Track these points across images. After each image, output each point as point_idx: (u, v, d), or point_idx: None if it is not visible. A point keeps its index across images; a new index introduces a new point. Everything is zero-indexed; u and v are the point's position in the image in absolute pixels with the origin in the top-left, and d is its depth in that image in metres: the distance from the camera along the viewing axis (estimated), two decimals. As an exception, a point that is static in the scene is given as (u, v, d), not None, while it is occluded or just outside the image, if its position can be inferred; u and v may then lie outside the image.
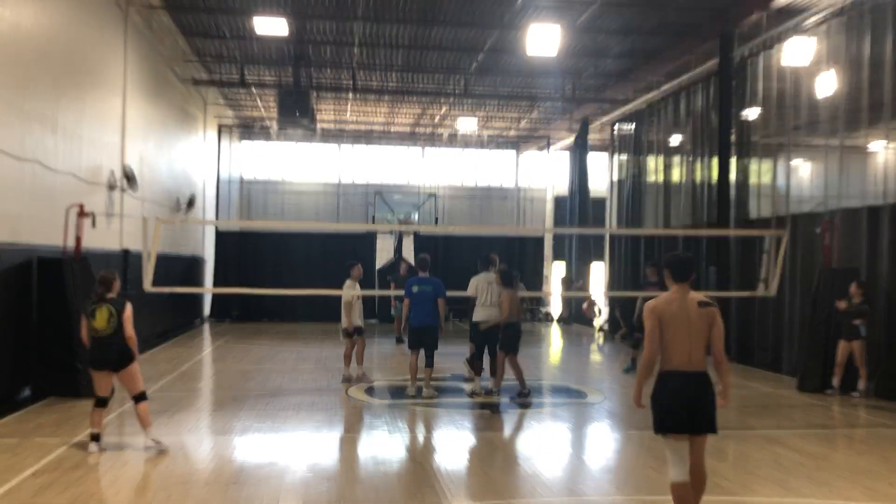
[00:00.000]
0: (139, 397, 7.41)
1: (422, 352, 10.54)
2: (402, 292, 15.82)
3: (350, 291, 11.79)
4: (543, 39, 15.18)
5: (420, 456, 7.45)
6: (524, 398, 10.28)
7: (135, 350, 7.46)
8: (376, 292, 21.70)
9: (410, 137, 29.52)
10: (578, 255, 24.50)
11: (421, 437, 8.26)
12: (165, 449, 7.35)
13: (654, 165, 20.21)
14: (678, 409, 4.99)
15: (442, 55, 19.53)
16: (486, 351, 10.74)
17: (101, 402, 7.43)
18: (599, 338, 20.20)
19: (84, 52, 12.59)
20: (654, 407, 5.08)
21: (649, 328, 5.05)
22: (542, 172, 29.97)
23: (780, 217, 14.24)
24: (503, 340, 10.33)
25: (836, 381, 11.08)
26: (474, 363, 10.86)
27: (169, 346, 16.20)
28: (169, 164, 18.84)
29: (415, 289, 10.56)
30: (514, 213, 30.84)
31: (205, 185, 23.63)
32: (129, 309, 7.41)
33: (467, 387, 11.10)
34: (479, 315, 10.64)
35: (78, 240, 10.61)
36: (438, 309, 10.49)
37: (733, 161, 15.78)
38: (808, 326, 11.90)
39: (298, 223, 26.90)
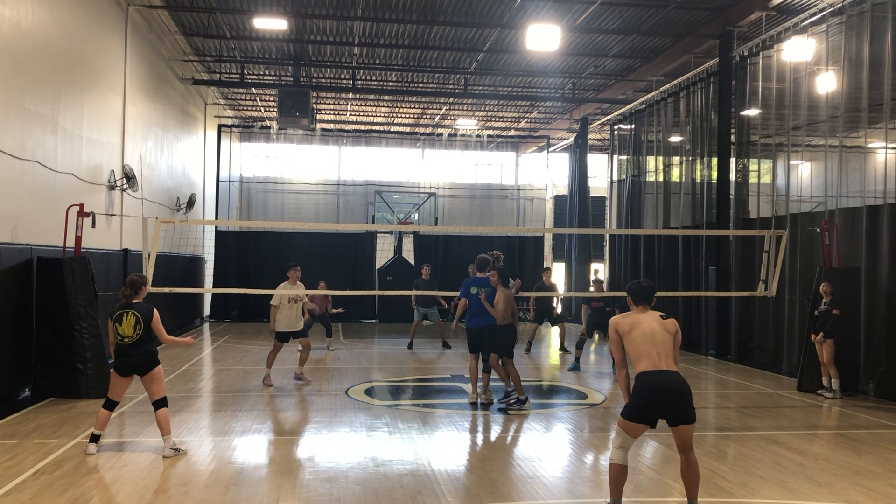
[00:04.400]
0: (160, 403, 7.35)
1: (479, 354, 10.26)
2: (421, 293, 15.86)
3: (282, 292, 11.40)
4: (543, 39, 15.20)
5: (420, 457, 7.44)
6: (510, 403, 9.93)
7: (179, 340, 7.61)
8: (377, 292, 21.72)
9: (410, 137, 29.54)
10: (578, 255, 24.49)
11: (421, 438, 8.26)
12: (184, 452, 7.34)
13: (653, 165, 20.21)
14: (655, 405, 5.42)
15: (442, 55, 19.56)
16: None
17: (111, 405, 7.44)
18: (598, 338, 20.19)
19: (84, 50, 12.59)
20: (632, 397, 5.58)
21: (612, 339, 5.76)
22: (542, 172, 29.98)
23: (780, 217, 14.25)
24: (499, 343, 10.02)
25: (824, 381, 11.14)
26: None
27: (169, 346, 16.16)
28: (169, 164, 18.85)
29: (473, 289, 10.14)
30: (514, 212, 30.85)
31: (205, 184, 23.63)
32: (156, 315, 7.41)
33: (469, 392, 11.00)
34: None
35: (78, 239, 10.61)
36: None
37: (733, 161, 15.80)
38: (807, 326, 11.91)
39: (298, 223, 26.90)
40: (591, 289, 14.58)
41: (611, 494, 5.60)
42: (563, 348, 16.57)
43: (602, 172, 27.76)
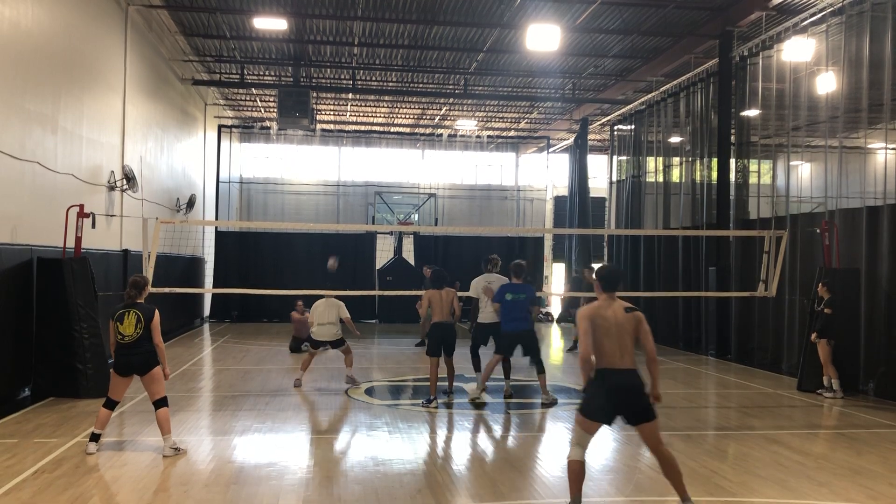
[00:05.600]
0: (160, 403, 7.33)
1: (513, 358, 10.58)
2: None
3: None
4: (543, 39, 15.21)
5: (420, 457, 7.44)
6: (428, 404, 9.87)
7: (163, 359, 7.39)
8: (377, 292, 21.71)
9: (410, 137, 29.54)
10: (578, 256, 24.48)
11: (421, 438, 8.26)
12: (183, 452, 7.34)
13: (653, 165, 20.20)
14: (610, 403, 5.46)
15: (442, 55, 19.57)
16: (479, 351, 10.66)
17: (111, 405, 7.43)
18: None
19: (84, 50, 12.60)
20: (587, 392, 5.59)
21: (584, 329, 5.56)
22: (542, 172, 29.99)
23: (780, 217, 14.25)
24: (429, 343, 10.30)
25: (825, 381, 11.14)
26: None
27: (169, 345, 16.15)
28: (169, 164, 18.85)
29: (509, 296, 10.23)
30: (514, 213, 30.85)
31: (205, 185, 23.63)
32: (157, 317, 7.37)
33: (466, 388, 11.08)
34: (483, 317, 10.60)
35: (78, 240, 10.61)
36: (531, 315, 10.52)
37: (733, 162, 15.80)
38: (807, 326, 11.91)
39: (298, 224, 26.92)
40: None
41: (570, 492, 5.55)
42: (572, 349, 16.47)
43: (602, 173, 27.75)
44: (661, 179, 19.67)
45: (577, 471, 5.50)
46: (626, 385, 5.44)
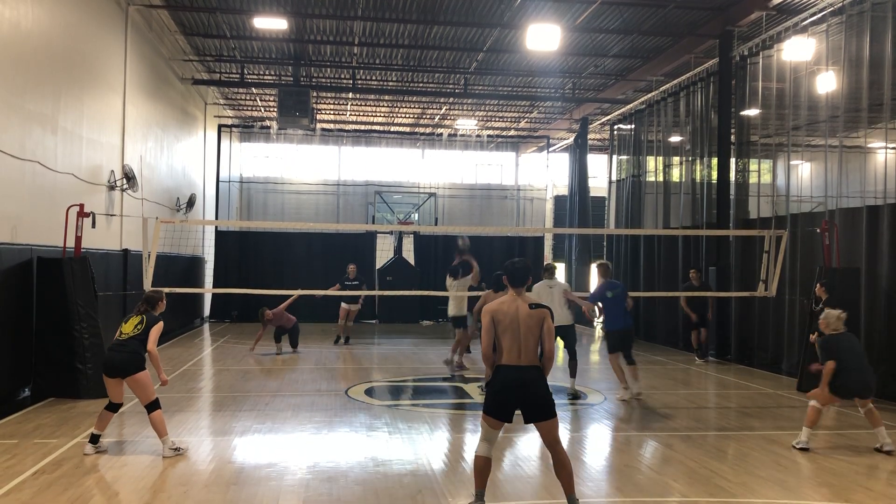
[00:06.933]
0: (152, 406, 7.30)
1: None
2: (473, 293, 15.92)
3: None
4: (543, 39, 15.21)
5: (420, 457, 7.44)
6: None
7: (158, 365, 7.34)
8: (377, 292, 21.69)
9: (410, 137, 29.54)
10: (578, 255, 24.46)
11: (421, 438, 8.26)
12: (184, 451, 7.34)
13: (653, 165, 20.19)
14: (505, 400, 5.55)
15: (442, 55, 19.57)
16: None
17: (113, 408, 7.42)
18: (600, 339, 20.19)
19: (84, 50, 12.60)
20: (488, 391, 5.72)
21: (485, 325, 5.61)
22: (542, 172, 29.99)
23: (780, 217, 14.25)
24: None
25: None
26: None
27: (169, 346, 16.20)
28: (169, 164, 18.85)
29: (609, 294, 10.93)
30: (514, 212, 30.84)
31: (205, 185, 23.63)
32: (160, 325, 7.39)
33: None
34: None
35: (78, 239, 10.61)
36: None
37: (733, 161, 15.79)
38: (807, 326, 11.90)
39: (298, 224, 26.90)
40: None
41: (475, 486, 5.68)
42: (702, 354, 15.50)
43: (602, 172, 27.74)
44: (661, 179, 19.65)
45: (480, 466, 5.65)
46: (521, 381, 5.50)
